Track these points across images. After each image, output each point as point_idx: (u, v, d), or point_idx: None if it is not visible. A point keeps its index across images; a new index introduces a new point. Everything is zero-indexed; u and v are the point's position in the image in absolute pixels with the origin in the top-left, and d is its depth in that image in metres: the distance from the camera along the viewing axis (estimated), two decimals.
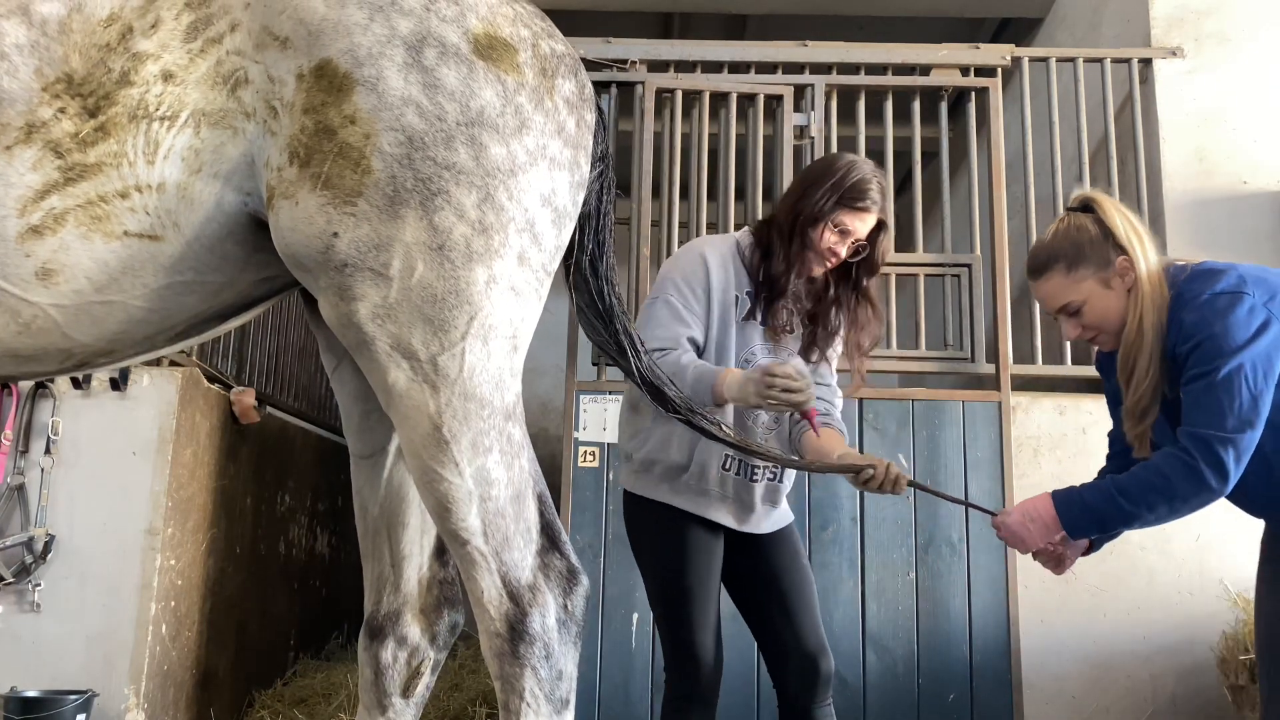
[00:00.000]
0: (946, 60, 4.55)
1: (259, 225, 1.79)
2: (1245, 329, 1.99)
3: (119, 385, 3.77)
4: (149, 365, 3.79)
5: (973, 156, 4.38)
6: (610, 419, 3.96)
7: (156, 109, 1.70)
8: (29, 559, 3.61)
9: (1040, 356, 4.29)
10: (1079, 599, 3.90)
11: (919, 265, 4.33)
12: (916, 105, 4.48)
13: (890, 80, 4.54)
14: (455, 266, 1.70)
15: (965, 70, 4.54)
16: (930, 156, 5.45)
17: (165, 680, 3.75)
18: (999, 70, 4.54)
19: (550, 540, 1.80)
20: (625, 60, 4.52)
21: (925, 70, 4.55)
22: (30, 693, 3.43)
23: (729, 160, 4.35)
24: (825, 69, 4.58)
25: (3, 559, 3.57)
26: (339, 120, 1.68)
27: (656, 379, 2.16)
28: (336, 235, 1.68)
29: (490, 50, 1.77)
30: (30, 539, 3.62)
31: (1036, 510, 2.18)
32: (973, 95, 4.55)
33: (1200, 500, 2.03)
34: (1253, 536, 3.83)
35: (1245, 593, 3.78)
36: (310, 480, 5.41)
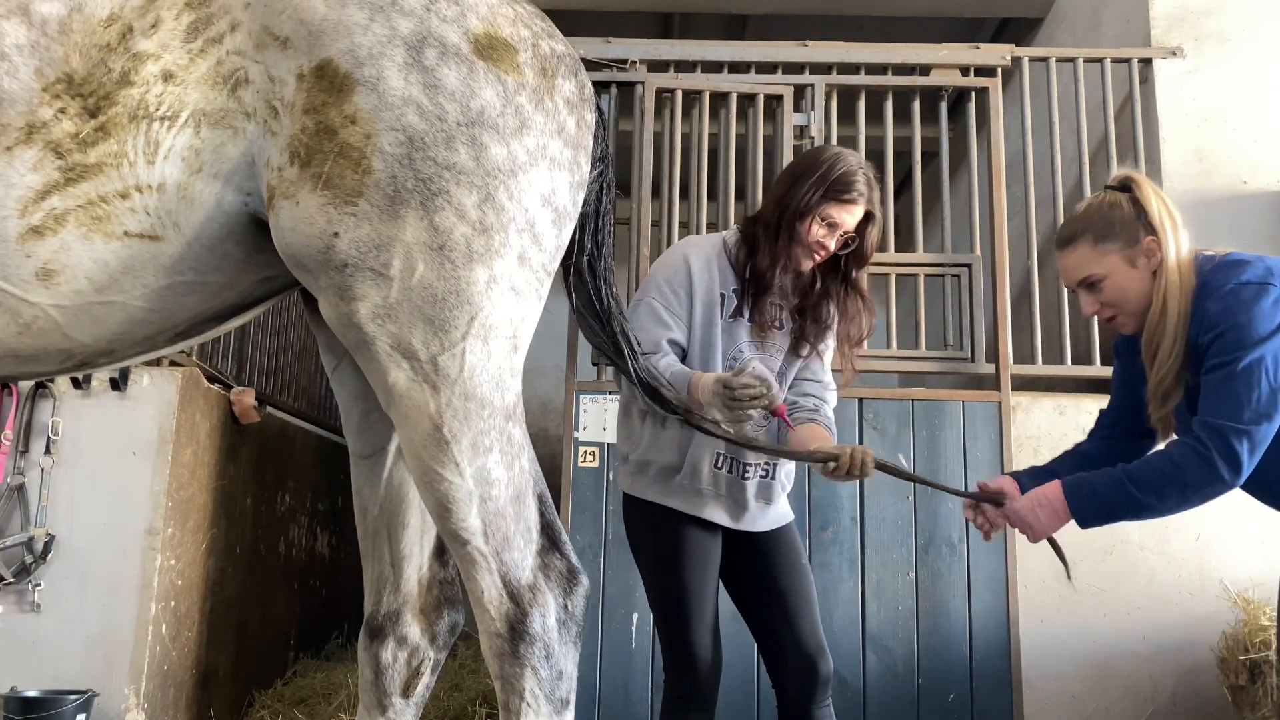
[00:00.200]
0: (946, 60, 4.55)
1: (259, 225, 1.79)
2: (1269, 321, 1.97)
3: (119, 385, 3.77)
4: (149, 365, 3.79)
5: (973, 156, 4.38)
6: (610, 419, 3.96)
7: (157, 109, 1.70)
8: (29, 559, 3.61)
9: (1040, 356, 4.29)
10: (1079, 599, 3.90)
11: (919, 265, 4.33)
12: (916, 105, 4.48)
13: (890, 80, 4.54)
14: (456, 266, 1.70)
15: (965, 70, 4.54)
16: (930, 156, 5.45)
17: (165, 680, 3.75)
18: (999, 70, 4.54)
19: (550, 540, 1.80)
20: (625, 60, 4.52)
21: (925, 70, 4.55)
22: (30, 693, 3.43)
23: (729, 160, 4.35)
24: (825, 69, 4.58)
25: (3, 559, 3.57)
26: (339, 120, 1.68)
27: (654, 379, 2.16)
28: (337, 235, 1.68)
29: (490, 50, 1.77)
30: (30, 539, 3.62)
31: (1046, 497, 2.16)
32: (973, 95, 4.55)
33: (1212, 490, 2.01)
34: (1253, 536, 3.87)
35: (1245, 593, 3.78)
36: (310, 480, 5.40)
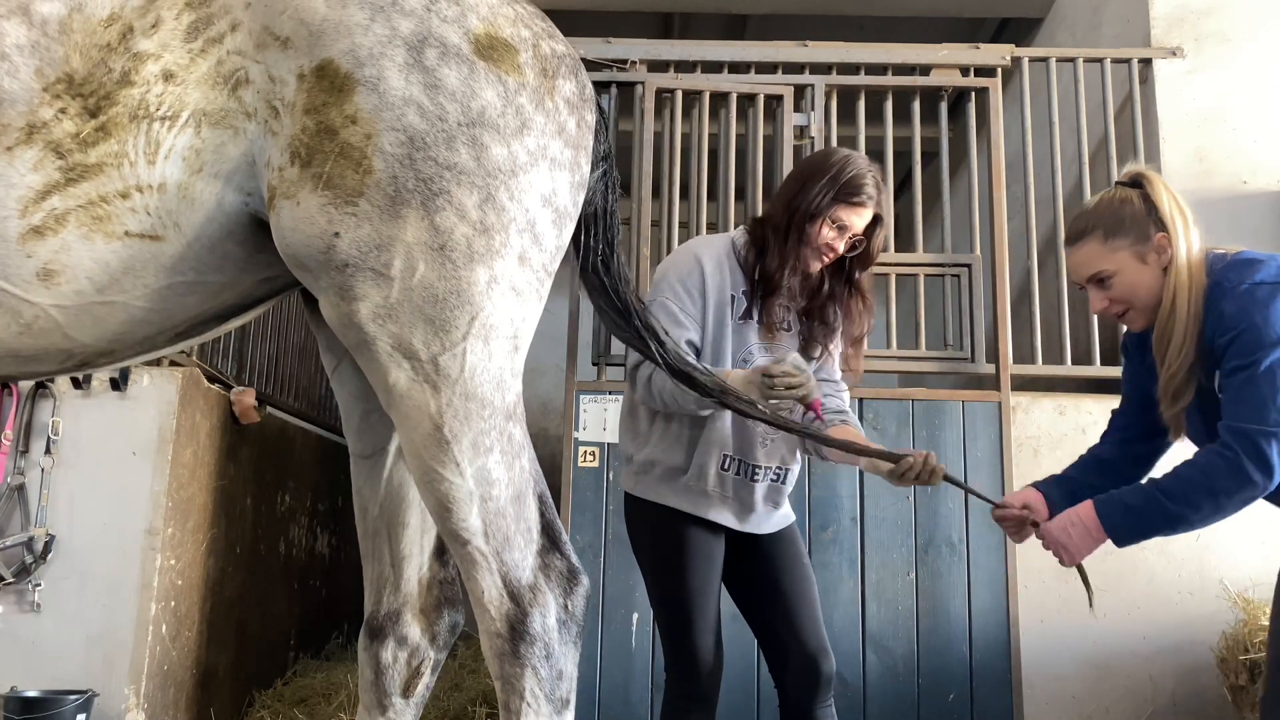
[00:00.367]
0: (946, 60, 4.55)
1: (260, 225, 1.79)
2: None
3: (119, 385, 3.77)
4: (149, 365, 3.78)
5: (973, 156, 4.38)
6: (610, 419, 3.96)
7: (157, 109, 1.70)
8: (29, 559, 3.61)
9: (1040, 356, 4.29)
10: (1079, 599, 3.88)
11: (919, 265, 4.33)
12: (916, 105, 4.48)
13: (890, 80, 4.54)
14: (456, 267, 1.70)
15: (965, 70, 4.54)
16: (930, 156, 5.44)
17: (165, 680, 3.75)
18: (999, 70, 4.54)
19: (551, 540, 1.80)
20: (625, 60, 4.52)
21: (925, 70, 4.55)
22: (30, 693, 3.42)
23: (729, 160, 4.35)
24: (825, 69, 4.58)
25: (3, 559, 3.57)
26: (340, 120, 1.68)
27: (686, 365, 2.15)
28: (338, 235, 1.68)
29: (491, 51, 1.77)
30: (30, 539, 3.62)
31: (1078, 517, 2.14)
32: (973, 95, 4.55)
33: (1245, 496, 1.99)
34: (1253, 536, 3.87)
35: (1245, 593, 3.78)
36: (310, 480, 5.40)
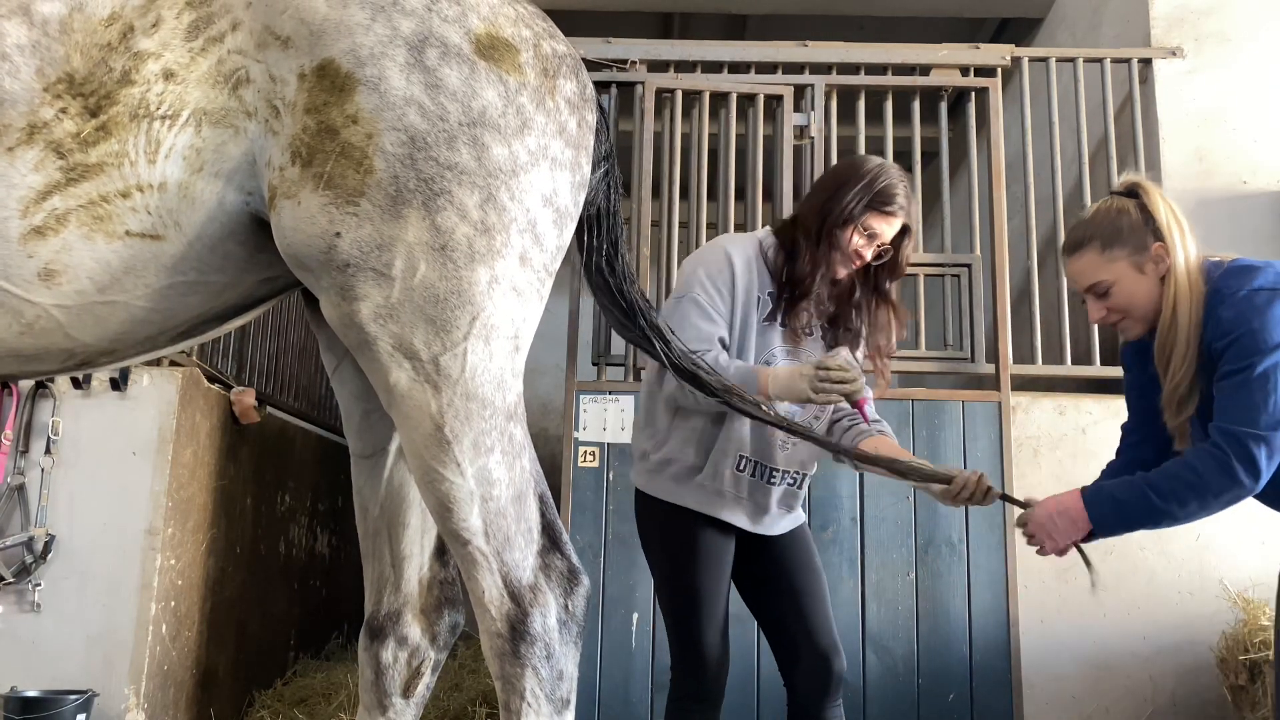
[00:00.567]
0: (946, 60, 4.55)
1: (261, 225, 1.79)
2: None
3: (119, 385, 3.77)
4: (149, 365, 3.78)
5: (973, 156, 4.38)
6: (610, 419, 3.95)
7: (158, 108, 1.70)
8: (29, 559, 3.61)
9: (1040, 356, 4.29)
10: (1079, 599, 3.90)
11: (919, 265, 4.32)
12: (916, 105, 4.48)
13: (890, 80, 4.54)
14: (457, 267, 1.70)
15: (965, 70, 4.54)
16: (930, 156, 5.44)
17: (165, 680, 3.75)
18: (999, 70, 4.54)
19: (551, 540, 1.80)
20: (625, 60, 4.52)
21: (925, 70, 4.55)
22: (30, 693, 3.42)
23: (729, 160, 4.35)
24: (825, 69, 4.58)
25: (3, 559, 3.57)
26: (341, 120, 1.68)
27: (693, 365, 2.15)
28: (339, 235, 1.68)
29: (492, 50, 1.77)
30: (30, 539, 3.62)
31: (1064, 505, 2.17)
32: (973, 95, 4.55)
33: (1231, 496, 2.02)
34: (1253, 536, 3.87)
35: (1245, 592, 3.78)
36: (310, 480, 5.40)
